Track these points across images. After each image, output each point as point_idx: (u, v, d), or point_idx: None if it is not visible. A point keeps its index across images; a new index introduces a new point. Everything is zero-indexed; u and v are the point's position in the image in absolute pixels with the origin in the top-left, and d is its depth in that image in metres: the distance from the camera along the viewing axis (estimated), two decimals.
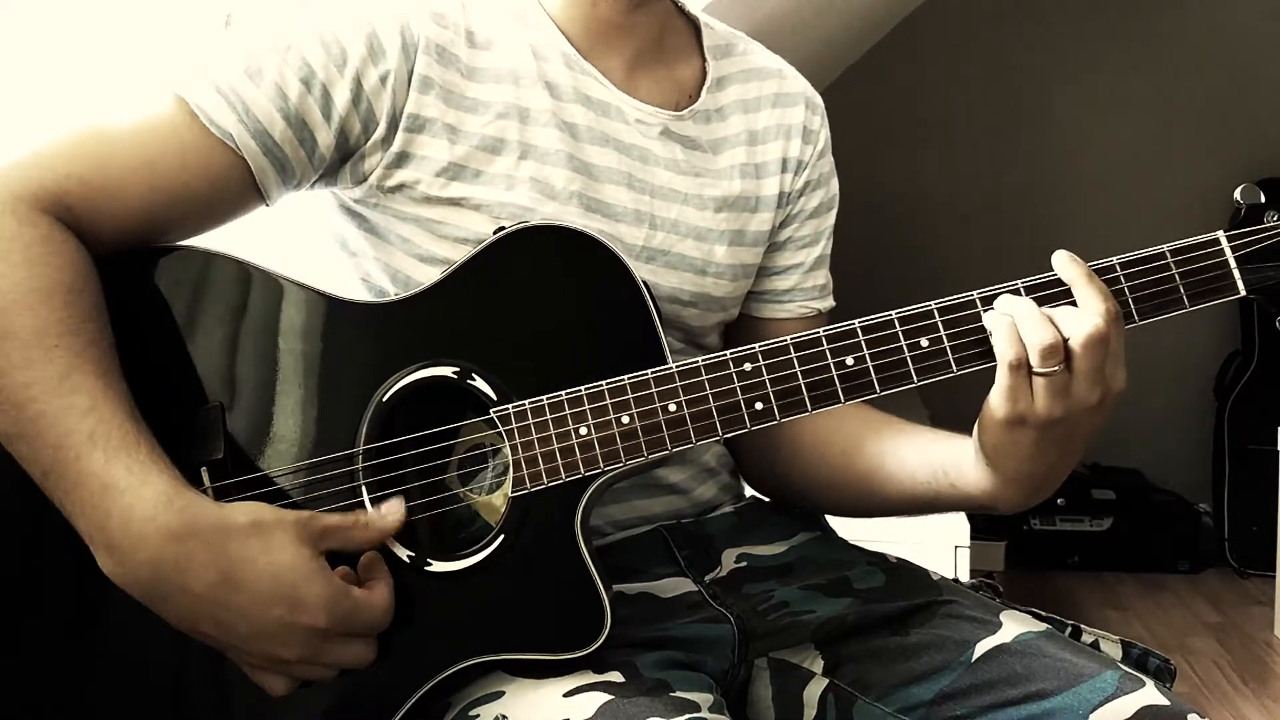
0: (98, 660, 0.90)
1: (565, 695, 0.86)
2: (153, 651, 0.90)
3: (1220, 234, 0.90)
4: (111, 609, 0.89)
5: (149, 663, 0.90)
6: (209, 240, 0.97)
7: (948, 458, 1.00)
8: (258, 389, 0.92)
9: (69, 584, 0.90)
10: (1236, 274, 0.90)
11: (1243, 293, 0.90)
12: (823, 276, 1.17)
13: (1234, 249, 0.90)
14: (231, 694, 0.89)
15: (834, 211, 1.18)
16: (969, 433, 0.97)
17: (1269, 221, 0.90)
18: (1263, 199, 0.92)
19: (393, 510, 0.89)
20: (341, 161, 0.99)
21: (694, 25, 1.15)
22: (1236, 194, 0.93)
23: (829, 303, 1.17)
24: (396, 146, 0.98)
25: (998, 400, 0.89)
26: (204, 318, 0.93)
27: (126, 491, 0.82)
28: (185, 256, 0.95)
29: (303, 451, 0.92)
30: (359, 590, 0.86)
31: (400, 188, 0.99)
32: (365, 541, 0.88)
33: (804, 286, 1.15)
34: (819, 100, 1.17)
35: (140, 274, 0.93)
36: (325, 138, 0.97)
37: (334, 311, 0.94)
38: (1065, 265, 0.89)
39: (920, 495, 1.03)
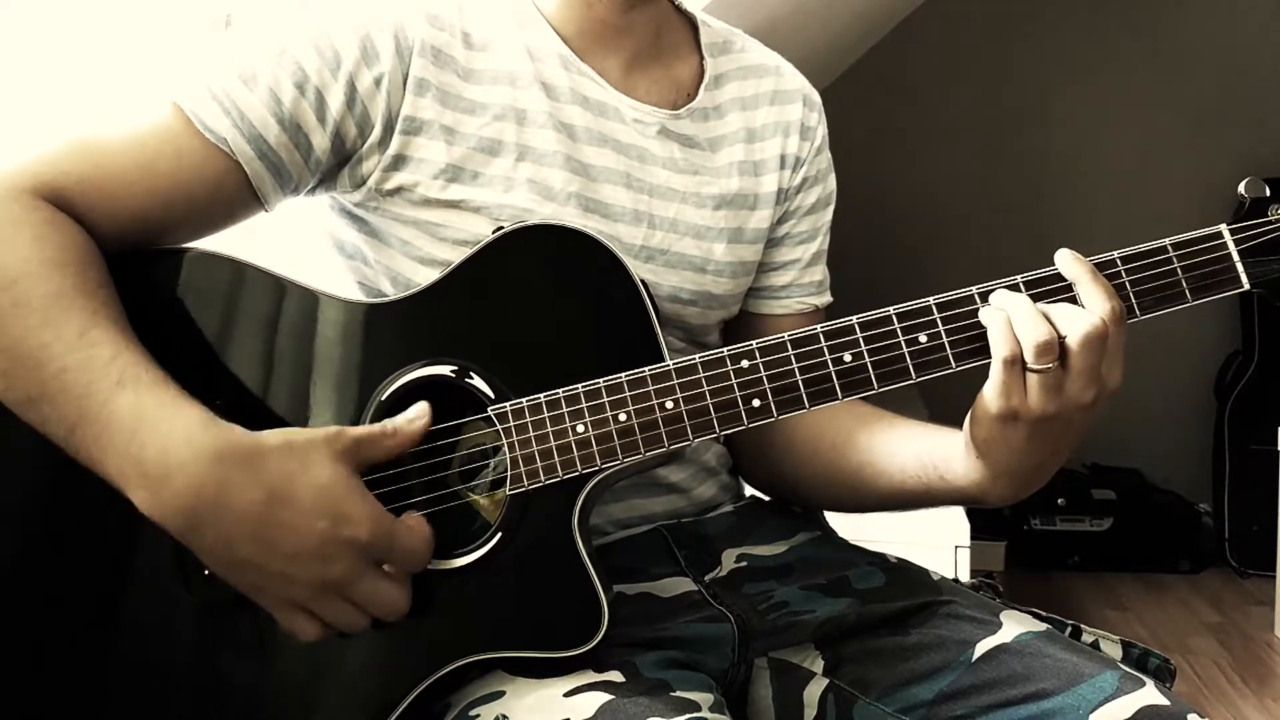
0: (108, 657, 0.90)
1: (565, 695, 0.86)
2: (162, 648, 0.90)
3: (1223, 227, 0.90)
4: (120, 603, 0.90)
5: (159, 658, 0.90)
6: (207, 242, 0.97)
7: (937, 451, 1.00)
8: (257, 388, 0.92)
9: (78, 583, 0.90)
10: (1240, 267, 0.90)
11: (1246, 286, 0.90)
12: (820, 272, 1.17)
13: (1237, 242, 0.90)
14: (235, 687, 0.89)
15: (831, 207, 1.18)
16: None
17: (1273, 214, 0.90)
18: (1267, 192, 0.91)
19: (419, 414, 0.89)
20: (338, 165, 0.99)
21: (691, 23, 1.14)
22: (1240, 187, 0.92)
23: (826, 298, 1.17)
24: (393, 149, 0.98)
25: (991, 395, 0.89)
26: (203, 317, 0.93)
27: (161, 422, 0.83)
28: (184, 257, 0.94)
29: None
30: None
31: (399, 190, 0.99)
32: (396, 448, 0.89)
33: (801, 282, 1.15)
34: (816, 97, 1.17)
35: (138, 274, 0.93)
36: (320, 141, 0.96)
37: (333, 311, 0.94)
38: (1069, 264, 0.89)
39: (911, 489, 1.03)
